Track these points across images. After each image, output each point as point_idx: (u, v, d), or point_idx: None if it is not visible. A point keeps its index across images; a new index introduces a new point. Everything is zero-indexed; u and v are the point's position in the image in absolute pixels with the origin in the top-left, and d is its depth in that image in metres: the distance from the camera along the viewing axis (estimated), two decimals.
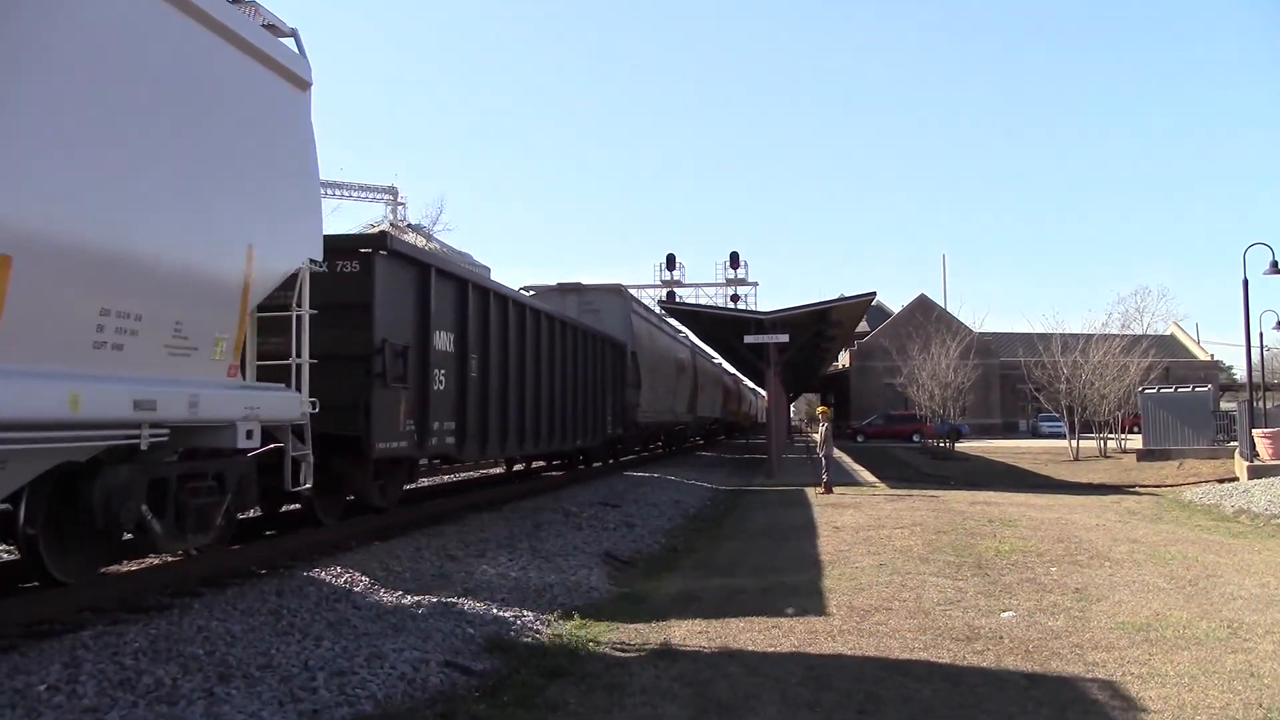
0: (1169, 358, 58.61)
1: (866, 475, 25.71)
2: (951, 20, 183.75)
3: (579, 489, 18.64)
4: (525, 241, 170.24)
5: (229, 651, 5.99)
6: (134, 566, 8.72)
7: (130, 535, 7.26)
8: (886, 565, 10.83)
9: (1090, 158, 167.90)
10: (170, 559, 8.57)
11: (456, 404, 12.36)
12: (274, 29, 7.82)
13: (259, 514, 11.15)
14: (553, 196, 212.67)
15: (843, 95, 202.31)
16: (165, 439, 6.38)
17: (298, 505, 10.89)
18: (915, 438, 49.46)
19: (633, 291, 47.59)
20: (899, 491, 21.13)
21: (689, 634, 7.55)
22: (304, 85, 8.02)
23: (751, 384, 64.09)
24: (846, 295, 27.57)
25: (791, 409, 76.50)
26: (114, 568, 8.14)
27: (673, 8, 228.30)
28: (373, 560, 9.33)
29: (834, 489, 20.48)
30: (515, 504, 15.01)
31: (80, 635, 5.98)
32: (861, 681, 6.25)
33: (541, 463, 21.42)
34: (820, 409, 24.50)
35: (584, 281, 25.38)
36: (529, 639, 7.32)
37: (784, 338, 25.67)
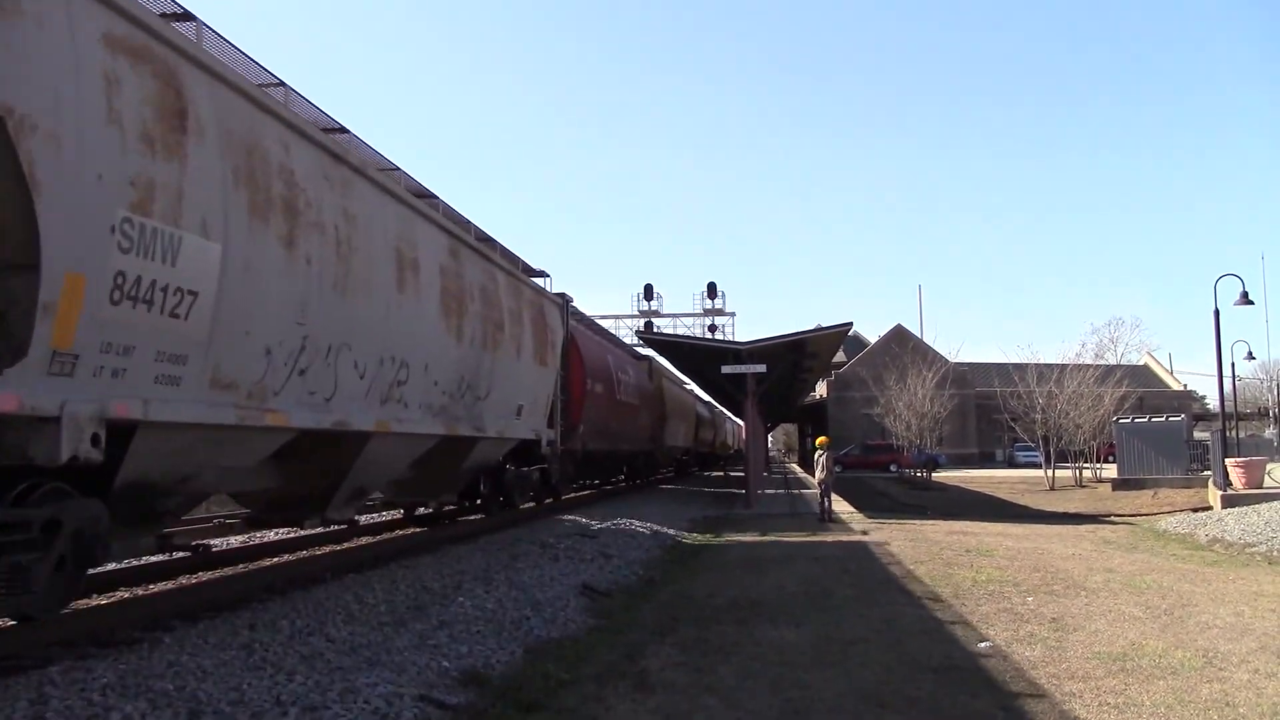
0: (1143, 388, 59.34)
1: (844, 506, 25.71)
2: (927, 54, 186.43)
3: (556, 520, 18.54)
4: None
5: (199, 687, 5.89)
6: (104, 601, 8.61)
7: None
8: (864, 596, 10.82)
9: (1064, 189, 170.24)
10: (141, 592, 8.99)
11: None
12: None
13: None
14: (529, 225, 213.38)
15: (819, 127, 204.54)
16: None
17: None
18: (892, 467, 49.58)
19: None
20: (876, 522, 21.16)
21: (666, 665, 7.50)
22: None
23: (694, 386, 46.00)
24: (823, 326, 27.71)
25: (770, 439, 76.54)
26: (86, 601, 8.10)
27: (649, 39, 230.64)
28: (347, 593, 9.24)
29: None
30: (491, 535, 14.92)
31: (48, 671, 5.86)
32: (838, 714, 6.23)
33: None
34: (820, 440, 24.29)
35: None
36: (505, 672, 7.25)
37: (761, 368, 25.72)
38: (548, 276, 17.67)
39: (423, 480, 12.99)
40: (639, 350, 36.15)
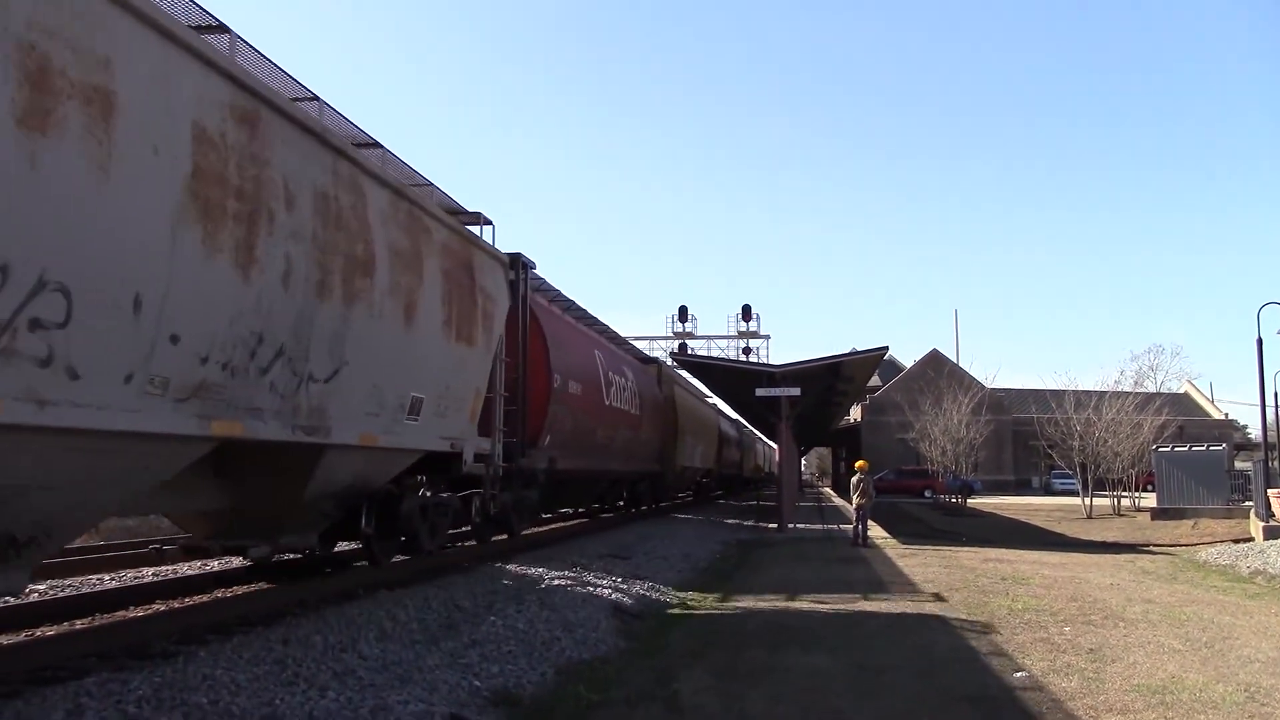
0: (1183, 416, 58.36)
1: (878, 531, 25.51)
2: (965, 79, 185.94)
3: (587, 540, 18.55)
4: None
5: (233, 701, 5.94)
6: (140, 613, 8.71)
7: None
8: (896, 623, 10.71)
9: (1104, 215, 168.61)
10: (176, 605, 9.13)
11: None
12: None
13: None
14: (565, 247, 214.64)
15: (857, 151, 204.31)
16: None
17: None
18: (927, 493, 49.14)
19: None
20: (912, 548, 20.96)
21: (698, 689, 7.46)
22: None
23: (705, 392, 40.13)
24: (858, 350, 27.56)
25: (804, 462, 76.09)
26: (123, 613, 8.20)
27: (687, 59, 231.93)
28: (379, 609, 9.27)
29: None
30: (524, 554, 14.93)
31: (84, 682, 5.93)
32: None
33: None
34: (859, 464, 24.16)
35: None
36: (536, 692, 7.24)
37: (796, 391, 25.65)
38: (489, 224, 12.67)
39: (249, 514, 8.84)
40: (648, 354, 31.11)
